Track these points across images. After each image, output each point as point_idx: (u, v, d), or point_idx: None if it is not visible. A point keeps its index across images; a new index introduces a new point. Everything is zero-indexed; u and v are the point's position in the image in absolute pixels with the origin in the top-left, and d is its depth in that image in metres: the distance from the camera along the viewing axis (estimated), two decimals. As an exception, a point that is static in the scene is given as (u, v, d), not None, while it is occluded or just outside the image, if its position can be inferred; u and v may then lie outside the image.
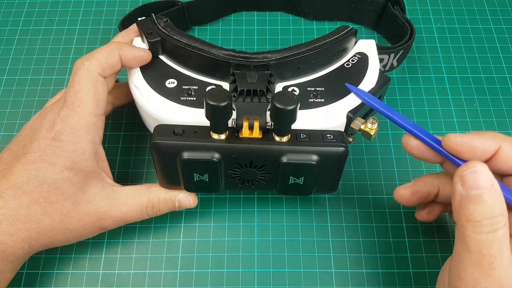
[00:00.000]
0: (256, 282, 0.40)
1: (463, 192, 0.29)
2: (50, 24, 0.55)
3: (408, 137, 0.34)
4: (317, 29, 0.54)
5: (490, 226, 0.27)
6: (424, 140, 0.33)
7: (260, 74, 0.37)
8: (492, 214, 0.28)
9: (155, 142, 0.34)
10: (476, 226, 0.28)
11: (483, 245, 0.28)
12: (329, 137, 0.34)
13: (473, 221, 0.28)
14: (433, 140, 0.33)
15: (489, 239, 0.27)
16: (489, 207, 0.28)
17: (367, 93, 0.36)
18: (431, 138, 0.33)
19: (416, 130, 0.33)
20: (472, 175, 0.28)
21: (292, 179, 0.36)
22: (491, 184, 0.28)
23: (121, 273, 0.40)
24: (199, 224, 0.42)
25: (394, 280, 0.40)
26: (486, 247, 0.28)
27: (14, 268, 0.35)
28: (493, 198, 0.28)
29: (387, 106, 0.35)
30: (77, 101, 0.34)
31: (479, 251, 0.28)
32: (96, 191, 0.36)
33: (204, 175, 0.36)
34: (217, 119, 0.32)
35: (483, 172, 0.28)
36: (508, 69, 0.51)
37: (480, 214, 0.28)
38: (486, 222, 0.28)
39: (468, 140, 0.31)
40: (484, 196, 0.28)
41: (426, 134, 0.33)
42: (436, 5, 0.56)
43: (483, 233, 0.28)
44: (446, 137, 0.31)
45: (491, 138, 0.30)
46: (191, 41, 0.38)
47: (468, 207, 0.28)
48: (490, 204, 0.28)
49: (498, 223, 0.28)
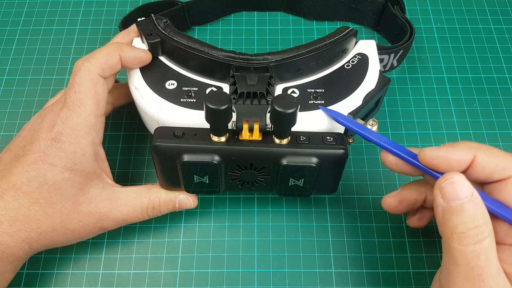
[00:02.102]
0: (256, 282, 0.40)
1: (444, 204, 0.29)
2: (50, 24, 0.55)
3: (385, 153, 0.34)
4: (317, 29, 0.54)
5: (475, 237, 0.27)
6: (400, 156, 0.33)
7: (260, 76, 0.37)
8: (475, 224, 0.27)
9: (155, 144, 0.34)
10: (461, 238, 0.28)
11: (470, 257, 0.27)
12: (329, 139, 0.34)
13: (457, 233, 0.28)
14: (409, 155, 0.33)
15: (475, 250, 0.27)
16: (472, 217, 0.28)
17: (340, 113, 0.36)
18: (407, 153, 0.33)
19: (392, 147, 0.33)
20: (450, 186, 0.29)
21: (292, 181, 0.36)
22: (471, 193, 0.28)
23: (121, 273, 0.40)
24: (199, 224, 0.43)
25: (394, 280, 0.40)
26: (473, 259, 0.27)
27: (14, 268, 0.35)
28: (474, 207, 0.28)
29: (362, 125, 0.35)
30: (77, 102, 0.34)
31: (467, 263, 0.27)
32: (96, 192, 0.36)
33: (204, 177, 0.36)
34: (217, 122, 0.32)
35: (461, 182, 0.29)
36: (508, 69, 0.51)
37: (463, 225, 0.28)
38: (470, 233, 0.27)
39: (443, 153, 0.31)
40: (465, 206, 0.28)
41: (402, 149, 0.33)
42: (436, 5, 0.56)
43: (469, 244, 0.27)
44: (421, 152, 0.31)
45: (465, 148, 0.30)
46: (191, 42, 0.38)
47: (451, 218, 0.28)
48: (472, 214, 0.28)
49: (483, 233, 0.27)
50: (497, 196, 0.30)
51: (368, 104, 0.38)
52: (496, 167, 0.30)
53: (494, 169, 0.30)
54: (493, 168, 0.30)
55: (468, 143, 0.31)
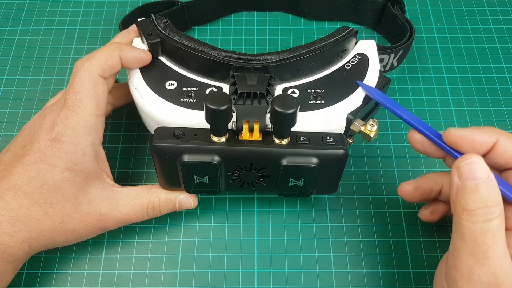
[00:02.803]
0: (256, 282, 0.40)
1: (459, 182, 0.30)
2: (50, 24, 0.55)
3: (413, 131, 0.35)
4: (317, 29, 0.54)
5: (484, 216, 0.28)
6: (426, 134, 0.34)
7: (260, 76, 0.36)
8: (486, 204, 0.28)
9: (155, 144, 0.34)
10: (471, 215, 0.29)
11: (477, 234, 0.28)
12: (329, 139, 0.34)
13: (468, 210, 0.29)
14: (434, 135, 0.34)
15: (483, 228, 0.28)
16: (484, 197, 0.29)
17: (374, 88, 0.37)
18: (433, 132, 0.34)
19: (419, 125, 0.34)
20: (468, 166, 0.29)
21: (292, 181, 0.36)
22: (487, 176, 0.29)
23: (121, 273, 0.40)
24: (199, 224, 0.43)
25: (394, 280, 0.40)
26: (480, 236, 0.28)
27: (14, 268, 0.35)
28: (488, 188, 0.29)
29: (394, 101, 0.36)
30: (77, 102, 0.34)
31: (474, 239, 0.28)
32: (96, 192, 0.36)
33: (204, 177, 0.36)
34: (217, 122, 0.32)
35: (478, 164, 0.29)
36: (508, 69, 0.51)
37: (475, 204, 0.29)
38: (480, 211, 0.28)
39: (467, 133, 0.32)
40: (480, 187, 0.29)
41: (429, 129, 0.34)
42: (436, 5, 0.56)
43: (478, 222, 0.28)
44: (447, 131, 0.33)
45: (489, 132, 0.32)
46: (191, 43, 0.38)
47: (464, 197, 0.29)
48: (485, 194, 0.29)
49: (493, 213, 0.28)
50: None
51: (368, 104, 0.38)
52: None
53: None
54: None
55: (493, 128, 0.32)
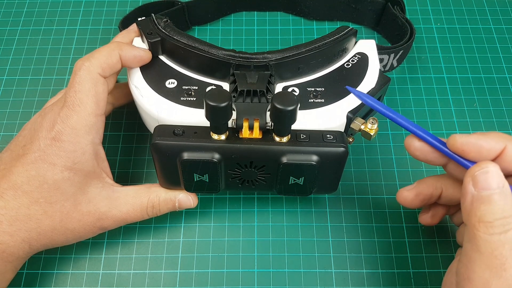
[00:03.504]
0: (256, 282, 0.40)
1: (475, 192, 0.29)
2: (50, 24, 0.55)
3: (412, 138, 0.33)
4: (317, 29, 0.54)
5: (502, 227, 0.27)
6: (428, 141, 0.33)
7: (260, 74, 0.37)
8: (504, 214, 0.28)
9: (155, 142, 0.34)
10: (488, 227, 0.28)
11: (495, 246, 0.28)
12: (329, 137, 0.34)
13: (485, 222, 0.28)
14: (437, 141, 0.32)
15: (501, 239, 0.27)
16: (501, 207, 0.28)
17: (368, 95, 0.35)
18: (435, 139, 0.32)
19: (420, 131, 0.33)
20: (484, 176, 0.29)
21: (292, 179, 0.36)
22: (502, 185, 0.28)
23: (121, 273, 0.40)
24: (199, 224, 0.42)
25: (394, 280, 0.40)
26: (498, 248, 0.27)
27: (14, 268, 0.35)
28: (504, 198, 0.28)
29: (389, 108, 0.34)
30: (77, 101, 0.34)
31: (491, 252, 0.28)
32: (96, 191, 0.36)
33: (204, 176, 0.36)
34: (217, 119, 0.32)
35: (495, 172, 0.29)
36: (508, 69, 0.51)
37: (492, 215, 0.28)
38: (498, 222, 0.28)
39: (474, 140, 0.30)
40: (496, 197, 0.28)
41: (430, 135, 0.33)
42: (436, 5, 0.56)
43: (495, 233, 0.27)
44: (452, 137, 0.31)
45: (496, 138, 0.30)
46: (191, 41, 0.38)
47: (479, 207, 0.28)
48: (502, 204, 0.28)
49: (510, 224, 0.28)
50: None
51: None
52: None
53: None
54: None
55: (500, 134, 0.31)
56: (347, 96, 0.37)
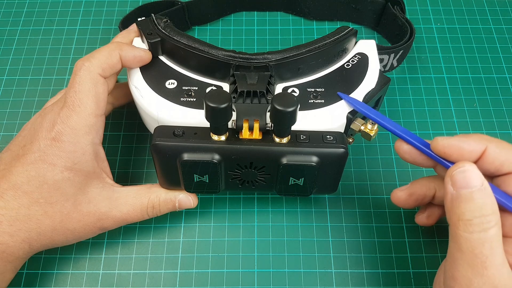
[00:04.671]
0: (256, 282, 0.40)
1: (454, 191, 0.29)
2: (50, 24, 0.55)
3: (400, 142, 0.34)
4: (317, 29, 0.54)
5: (481, 225, 0.28)
6: (413, 144, 0.34)
7: (260, 75, 0.37)
8: (482, 212, 0.28)
9: (155, 143, 0.34)
10: (467, 225, 0.28)
11: (475, 244, 0.28)
12: (329, 138, 0.34)
13: (464, 220, 0.28)
14: (422, 144, 0.33)
15: (480, 238, 0.28)
16: (480, 205, 0.28)
17: (358, 100, 0.36)
18: (421, 142, 0.33)
19: (406, 135, 0.34)
20: (462, 175, 0.29)
21: (292, 180, 0.36)
22: (481, 183, 0.29)
23: (121, 273, 0.40)
24: (199, 224, 0.43)
25: (394, 280, 0.40)
26: (478, 247, 0.28)
27: (14, 268, 0.35)
28: (483, 197, 0.28)
29: (378, 112, 0.35)
30: (77, 101, 0.34)
31: (471, 250, 0.28)
32: (96, 191, 0.36)
33: (204, 176, 0.36)
34: (217, 120, 0.32)
35: (472, 171, 0.29)
36: (508, 69, 0.51)
37: (471, 213, 0.28)
38: (477, 220, 0.28)
39: (455, 142, 0.31)
40: (474, 195, 0.28)
41: (416, 138, 0.34)
42: (436, 5, 0.56)
43: (475, 232, 0.28)
44: (434, 140, 0.32)
45: (477, 139, 0.31)
46: (191, 42, 0.38)
47: (459, 206, 0.29)
48: (481, 202, 0.28)
49: (489, 222, 0.28)
50: (505, 189, 0.31)
51: (368, 104, 0.38)
52: (506, 160, 0.31)
53: (503, 162, 0.31)
54: (503, 161, 0.31)
55: (481, 135, 0.31)
56: (347, 96, 0.37)
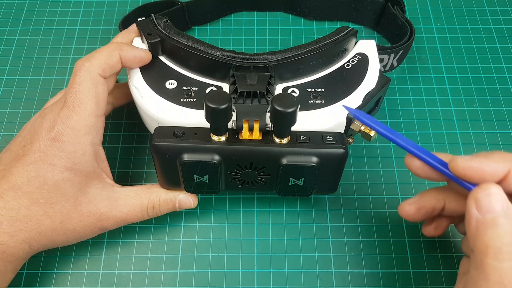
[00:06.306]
0: (256, 282, 0.40)
1: (479, 216, 0.27)
2: (50, 24, 0.55)
3: (411, 157, 0.32)
4: (317, 29, 0.54)
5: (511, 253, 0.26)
6: (429, 163, 0.31)
7: (260, 75, 0.37)
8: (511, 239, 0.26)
9: (155, 144, 0.34)
10: (496, 253, 0.26)
11: (504, 274, 0.26)
12: (329, 138, 0.34)
13: (492, 248, 0.26)
14: (438, 163, 0.31)
15: (510, 267, 0.26)
16: (508, 231, 0.26)
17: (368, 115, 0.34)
18: (436, 160, 0.31)
19: (421, 152, 0.32)
20: (487, 198, 0.27)
21: (292, 181, 0.36)
22: (507, 207, 0.27)
23: (121, 273, 0.40)
24: (199, 224, 0.43)
25: (394, 280, 0.40)
26: (507, 276, 0.26)
27: (14, 268, 0.35)
28: (509, 221, 0.27)
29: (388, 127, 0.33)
30: (77, 101, 0.34)
31: (500, 281, 0.26)
32: (96, 191, 0.36)
33: (204, 177, 0.36)
34: (217, 121, 0.32)
35: (498, 195, 0.27)
36: (508, 69, 0.51)
37: (499, 240, 0.26)
38: (506, 249, 0.26)
39: (476, 164, 0.29)
40: (500, 220, 0.27)
41: (431, 156, 0.32)
42: (436, 5, 0.56)
43: (505, 260, 0.26)
44: (453, 161, 0.30)
45: (500, 161, 0.29)
46: (191, 42, 0.38)
47: (486, 232, 0.27)
48: (508, 228, 0.26)
49: None
50: None
51: (368, 104, 0.38)
52: None
53: None
54: None
55: (503, 154, 0.29)
56: (347, 97, 0.37)
